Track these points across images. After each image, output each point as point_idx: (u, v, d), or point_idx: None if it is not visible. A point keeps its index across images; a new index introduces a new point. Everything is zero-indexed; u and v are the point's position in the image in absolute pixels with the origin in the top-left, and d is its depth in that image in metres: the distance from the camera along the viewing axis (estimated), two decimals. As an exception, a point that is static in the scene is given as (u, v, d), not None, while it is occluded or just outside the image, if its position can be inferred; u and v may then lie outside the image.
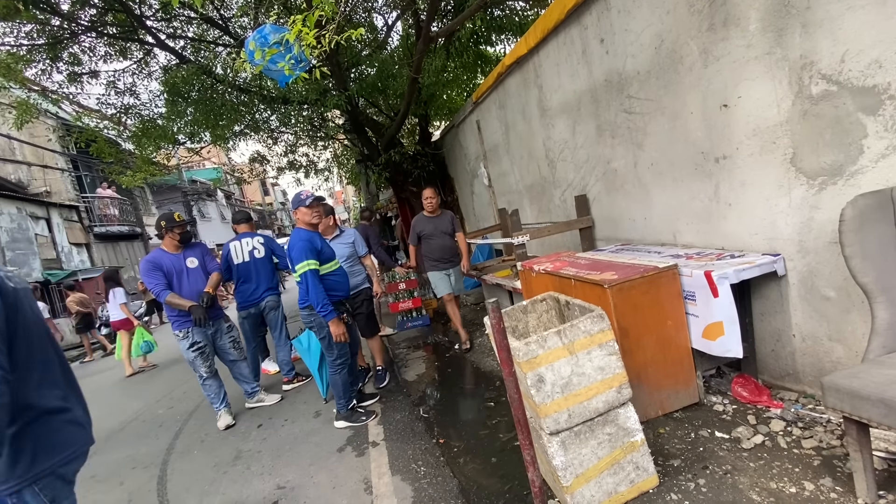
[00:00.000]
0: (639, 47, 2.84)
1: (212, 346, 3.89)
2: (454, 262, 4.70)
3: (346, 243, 4.16)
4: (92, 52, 6.92)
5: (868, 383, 1.47)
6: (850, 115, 1.86)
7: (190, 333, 3.71)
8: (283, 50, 2.47)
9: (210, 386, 3.89)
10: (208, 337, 3.84)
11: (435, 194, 4.71)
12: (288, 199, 48.95)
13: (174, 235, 3.78)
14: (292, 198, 3.28)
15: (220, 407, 3.94)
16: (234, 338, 4.03)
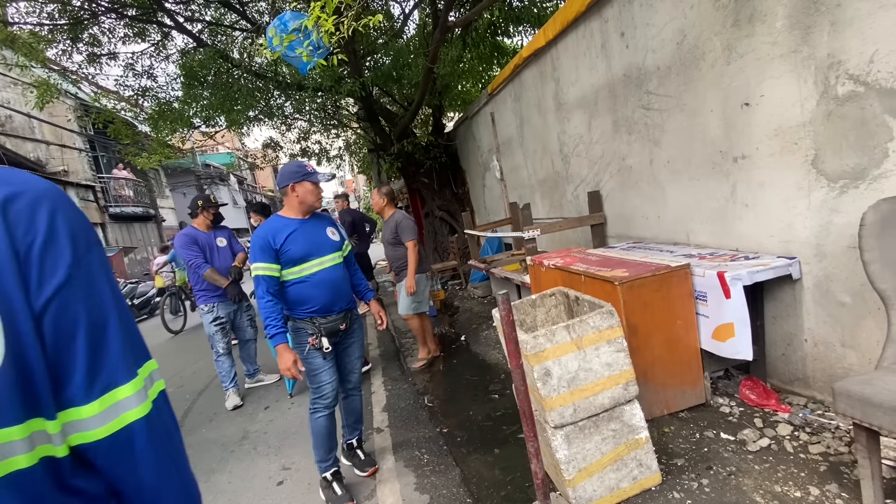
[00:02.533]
0: (660, 42, 2.79)
1: (231, 323, 4.05)
2: (401, 276, 4.02)
3: None
4: (111, 33, 6.98)
5: (881, 391, 1.44)
6: (876, 117, 1.82)
7: (215, 308, 3.90)
8: (302, 36, 2.47)
9: (223, 363, 4.00)
10: (230, 314, 4.01)
11: (376, 196, 4.07)
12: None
13: (208, 215, 4.03)
14: (284, 169, 2.35)
15: (230, 386, 4.04)
16: (251, 316, 4.22)
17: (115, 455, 0.62)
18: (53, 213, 0.60)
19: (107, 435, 0.61)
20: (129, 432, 0.63)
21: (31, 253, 0.57)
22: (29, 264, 0.57)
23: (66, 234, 0.60)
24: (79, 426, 0.60)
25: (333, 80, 6.00)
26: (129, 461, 0.64)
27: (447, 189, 8.02)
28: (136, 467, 0.65)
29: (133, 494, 0.66)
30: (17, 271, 0.56)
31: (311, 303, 2.31)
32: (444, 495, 2.29)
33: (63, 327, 0.59)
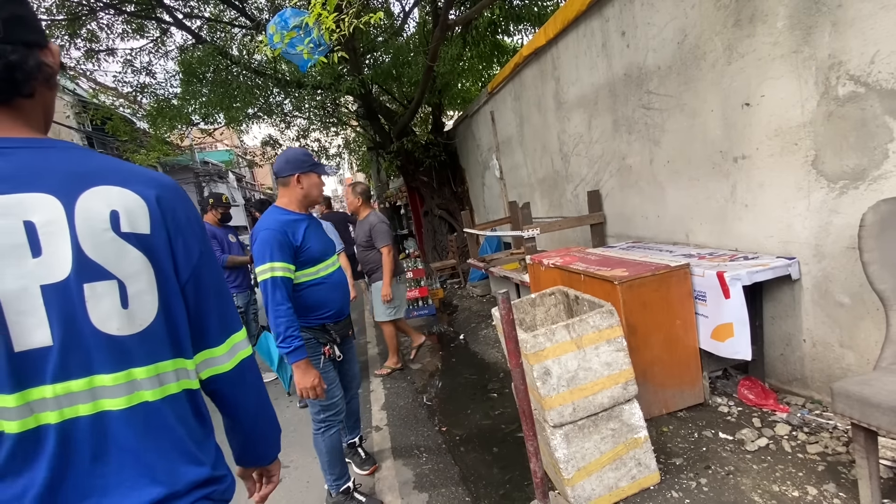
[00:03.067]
0: (661, 42, 2.79)
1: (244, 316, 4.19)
2: (374, 279, 3.94)
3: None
4: (110, 29, 6.95)
5: (880, 391, 1.45)
6: (876, 117, 1.82)
7: (236, 297, 4.01)
8: (303, 33, 2.46)
9: None
10: (245, 305, 4.14)
11: (347, 193, 3.90)
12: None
13: (216, 213, 4.18)
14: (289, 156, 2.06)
15: None
16: (256, 311, 4.35)
17: (236, 383, 0.87)
18: (187, 206, 0.79)
19: (231, 367, 0.85)
20: (243, 366, 0.87)
21: (178, 232, 0.76)
22: (177, 241, 0.76)
23: (196, 222, 0.80)
24: (213, 363, 0.83)
25: (333, 77, 5.99)
26: (243, 387, 0.88)
27: (446, 188, 8.02)
28: (248, 391, 0.89)
29: (245, 416, 0.91)
30: (168, 247, 0.75)
31: (328, 307, 2.11)
32: (442, 493, 2.29)
33: (202, 289, 0.80)
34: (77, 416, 0.67)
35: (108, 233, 0.68)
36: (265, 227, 1.95)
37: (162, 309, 0.73)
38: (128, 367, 0.69)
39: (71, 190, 0.67)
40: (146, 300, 0.71)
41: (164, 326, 0.74)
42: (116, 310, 0.68)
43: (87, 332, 0.67)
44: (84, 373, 0.67)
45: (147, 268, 0.71)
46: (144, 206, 0.72)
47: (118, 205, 0.69)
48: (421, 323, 5.66)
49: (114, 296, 0.68)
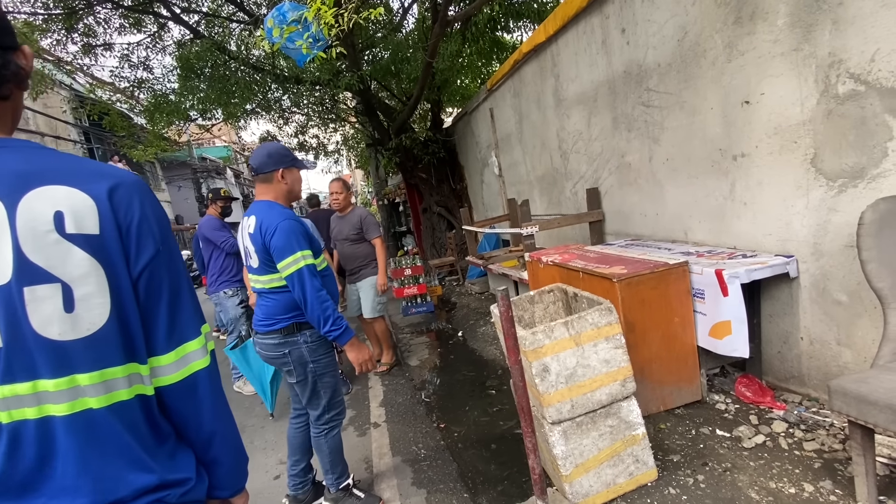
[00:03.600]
0: (661, 39, 2.78)
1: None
2: (362, 275, 3.82)
3: None
4: (107, 23, 6.89)
5: (877, 389, 1.46)
6: (876, 116, 1.82)
7: (239, 292, 3.95)
8: (302, 28, 2.45)
9: None
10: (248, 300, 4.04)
11: (342, 189, 3.76)
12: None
13: (217, 207, 4.16)
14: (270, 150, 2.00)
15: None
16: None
17: (184, 396, 0.79)
18: (144, 200, 0.75)
19: (179, 380, 0.78)
20: (195, 379, 0.80)
21: (130, 230, 0.72)
22: (129, 239, 0.72)
23: (154, 217, 0.76)
24: (159, 372, 0.77)
25: (331, 73, 5.96)
26: (193, 402, 0.81)
27: (445, 185, 8.00)
28: (198, 407, 0.81)
29: (194, 433, 0.82)
30: (120, 246, 0.71)
31: (332, 300, 2.06)
32: (441, 490, 2.29)
33: (151, 291, 0.75)
34: (24, 418, 0.67)
35: (52, 234, 0.65)
36: (285, 217, 1.91)
37: (115, 312, 0.70)
38: (70, 373, 0.67)
39: (14, 191, 0.65)
40: (95, 304, 0.68)
41: (117, 330, 0.70)
42: (58, 314, 0.66)
43: (30, 336, 0.65)
44: (28, 377, 0.66)
45: (96, 270, 0.68)
46: (93, 206, 0.69)
47: (64, 205, 0.67)
48: (419, 320, 5.66)
49: (56, 300, 0.66)
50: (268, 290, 1.99)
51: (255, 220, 1.92)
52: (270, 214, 1.92)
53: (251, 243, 1.94)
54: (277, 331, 1.97)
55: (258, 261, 1.94)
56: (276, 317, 1.98)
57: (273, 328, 1.98)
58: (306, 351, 2.01)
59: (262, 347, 2.04)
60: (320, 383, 2.07)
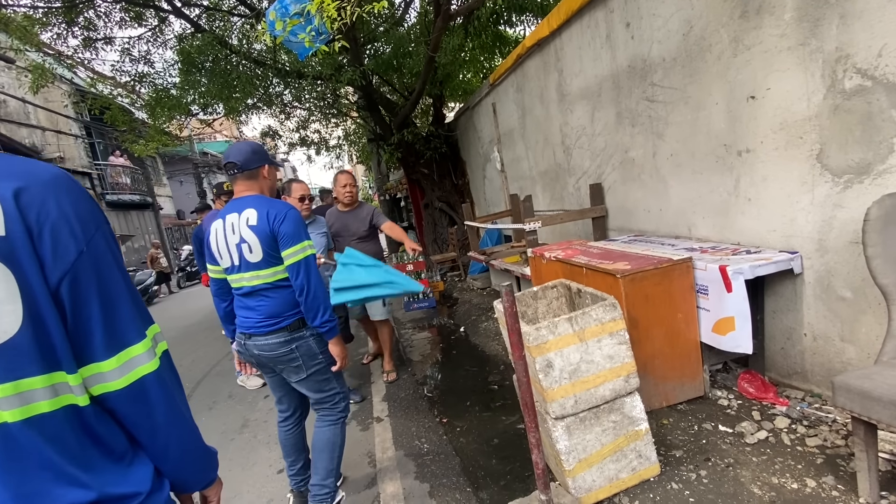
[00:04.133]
0: (666, 33, 2.76)
1: None
2: None
3: (321, 233, 3.37)
4: (107, 17, 6.86)
5: (881, 385, 1.46)
6: (882, 111, 1.81)
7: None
8: (304, 21, 2.43)
9: None
10: None
11: (353, 181, 3.58)
12: (297, 175, 48.69)
13: (221, 202, 4.20)
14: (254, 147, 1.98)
15: None
16: None
17: (132, 402, 0.75)
18: (61, 199, 0.69)
19: (125, 385, 0.74)
20: (143, 383, 0.76)
21: (43, 234, 0.66)
22: (42, 243, 0.66)
23: (75, 217, 0.70)
24: (100, 378, 0.72)
25: (333, 68, 5.94)
26: (144, 407, 0.77)
27: (447, 180, 7.99)
28: (150, 413, 0.77)
29: (148, 438, 0.78)
30: (31, 250, 0.65)
31: None
32: (444, 484, 2.31)
33: (79, 297, 0.69)
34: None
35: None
36: (289, 207, 1.91)
37: (28, 319, 0.64)
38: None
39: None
40: (5, 311, 0.63)
41: (31, 339, 0.65)
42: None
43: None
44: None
45: (4, 274, 0.63)
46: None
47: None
48: (421, 315, 5.67)
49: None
50: (270, 287, 1.90)
51: (257, 212, 1.85)
52: (275, 204, 1.90)
53: (254, 236, 1.84)
54: (284, 328, 1.92)
55: (261, 254, 1.85)
56: (281, 314, 1.92)
57: (279, 326, 1.92)
58: (314, 343, 2.00)
59: (263, 349, 1.94)
60: (329, 371, 2.07)
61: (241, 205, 1.89)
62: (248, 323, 1.94)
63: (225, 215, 1.91)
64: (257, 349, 1.95)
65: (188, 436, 0.85)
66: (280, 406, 2.24)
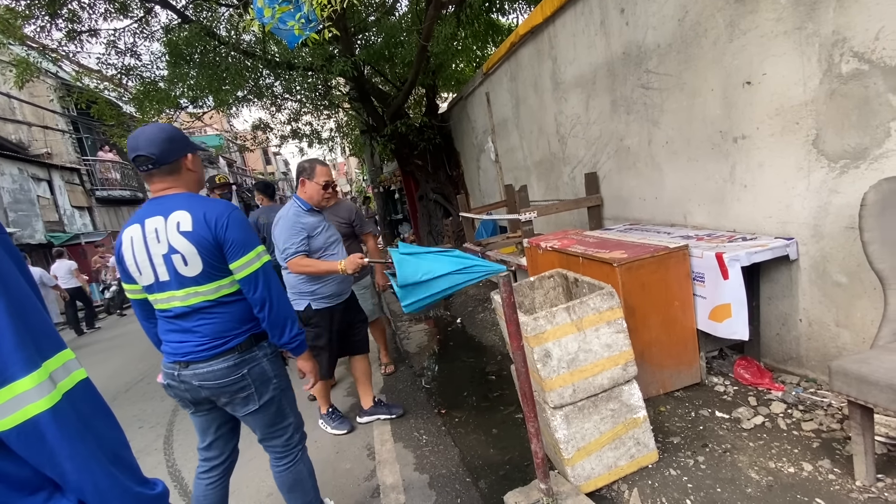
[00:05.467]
0: (661, 19, 2.73)
1: None
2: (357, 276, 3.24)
3: None
4: (91, 8, 6.70)
5: (877, 369, 1.46)
6: (879, 95, 1.80)
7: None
8: (293, 8, 2.38)
9: None
10: None
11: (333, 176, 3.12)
12: (291, 169, 48.22)
13: (215, 195, 4.17)
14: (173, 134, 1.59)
15: None
16: None
17: (25, 445, 0.64)
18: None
19: (12, 426, 0.62)
20: (35, 424, 0.64)
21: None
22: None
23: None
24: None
25: (324, 58, 5.85)
26: (41, 451, 0.65)
27: (441, 171, 7.95)
28: (50, 456, 0.66)
29: (59, 479, 0.68)
30: None
31: None
32: (443, 475, 2.31)
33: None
34: None
35: None
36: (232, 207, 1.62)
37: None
38: None
39: None
40: None
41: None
42: None
43: None
44: None
45: None
46: None
47: None
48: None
49: None
50: (213, 304, 1.56)
51: (191, 215, 1.50)
52: (210, 204, 1.55)
53: (189, 244, 1.48)
54: (232, 349, 1.58)
55: (201, 266, 1.51)
56: (228, 333, 1.58)
57: (225, 348, 1.57)
58: (269, 365, 1.68)
59: (205, 378, 1.56)
60: (285, 399, 1.75)
61: (166, 206, 1.54)
62: (186, 348, 1.57)
63: (143, 219, 1.53)
64: (198, 379, 1.57)
65: (106, 483, 0.71)
66: (208, 453, 1.82)
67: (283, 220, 2.51)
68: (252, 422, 1.71)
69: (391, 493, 2.25)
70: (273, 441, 1.78)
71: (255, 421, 1.71)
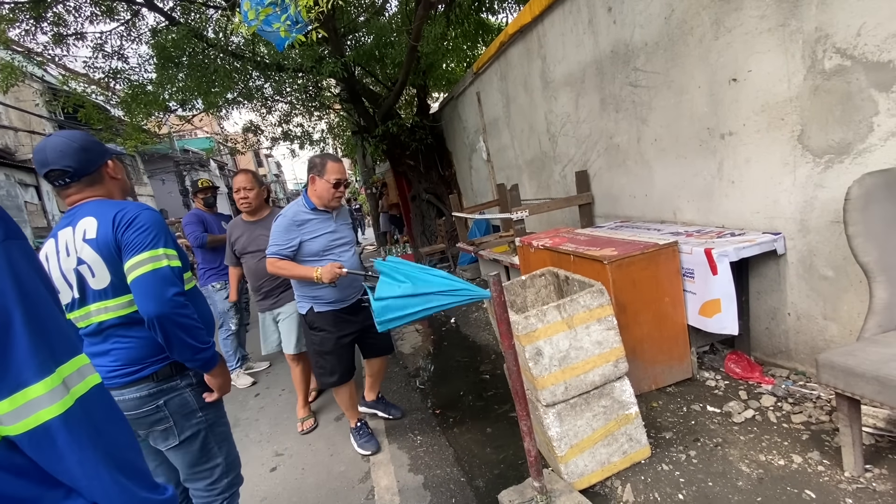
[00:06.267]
0: (647, 17, 2.75)
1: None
2: (283, 298, 2.99)
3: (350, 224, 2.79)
4: (77, 11, 6.62)
5: (863, 361, 1.48)
6: (862, 91, 1.82)
7: (227, 285, 3.83)
8: (280, 10, 2.36)
9: (230, 342, 4.03)
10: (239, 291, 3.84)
11: (252, 184, 2.94)
12: (283, 171, 47.81)
13: (198, 200, 4.15)
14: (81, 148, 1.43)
15: (236, 367, 4.10)
16: (248, 300, 4.17)
17: (37, 450, 0.65)
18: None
19: (24, 431, 0.64)
20: (47, 430, 0.65)
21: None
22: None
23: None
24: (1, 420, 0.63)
25: (314, 60, 5.82)
26: (52, 456, 0.66)
27: (433, 171, 7.93)
28: (60, 461, 0.67)
29: (70, 483, 0.69)
30: None
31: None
32: (437, 475, 2.31)
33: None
34: None
35: None
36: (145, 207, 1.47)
37: None
38: None
39: None
40: None
41: None
42: None
43: None
44: None
45: None
46: None
47: None
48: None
49: None
50: (126, 322, 1.41)
51: (97, 220, 1.37)
52: (119, 207, 1.41)
53: (94, 253, 1.35)
54: (147, 377, 1.43)
55: (108, 277, 1.37)
56: (145, 360, 1.43)
57: (139, 376, 1.43)
58: (192, 396, 1.50)
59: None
60: (213, 435, 1.56)
61: (76, 215, 1.40)
62: (101, 373, 1.37)
63: (56, 233, 1.41)
64: None
65: (115, 489, 0.72)
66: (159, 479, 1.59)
67: (280, 217, 2.41)
68: (174, 458, 1.54)
69: (386, 495, 2.25)
70: (195, 483, 1.57)
71: (175, 457, 1.54)
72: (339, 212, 2.54)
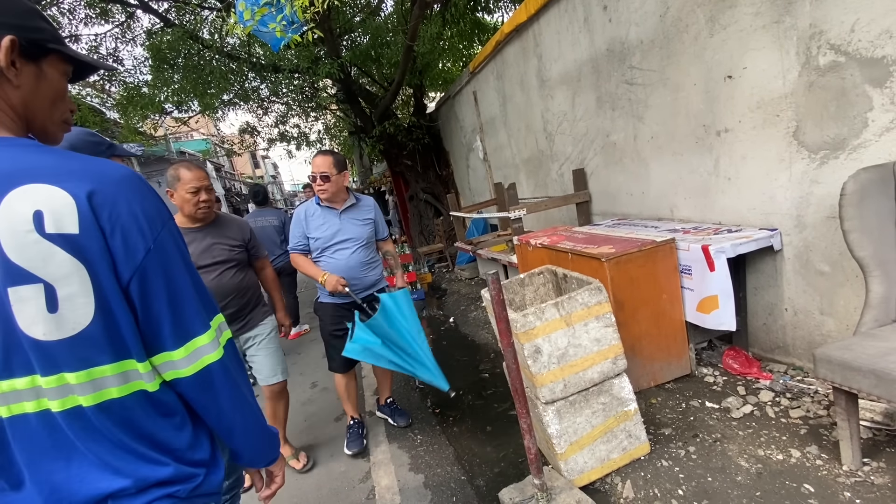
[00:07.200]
0: (643, 15, 2.75)
1: None
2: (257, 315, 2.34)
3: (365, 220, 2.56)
4: (71, 14, 6.60)
5: (860, 355, 1.49)
6: (856, 87, 1.83)
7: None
8: (275, 11, 2.36)
9: None
10: None
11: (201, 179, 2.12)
12: (280, 172, 47.70)
13: None
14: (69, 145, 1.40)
15: None
16: None
17: (199, 389, 0.81)
18: (131, 199, 0.72)
19: (193, 373, 0.80)
20: (209, 371, 0.81)
21: (115, 233, 0.70)
22: (114, 243, 0.70)
23: (143, 216, 0.73)
24: (172, 366, 0.78)
25: (310, 60, 5.81)
26: (210, 393, 0.83)
27: (431, 171, 7.93)
28: (215, 398, 0.83)
29: (215, 421, 0.86)
30: (104, 248, 0.69)
31: None
32: (438, 474, 2.31)
33: (147, 293, 0.74)
34: (24, 412, 0.71)
35: (32, 234, 0.64)
36: None
37: (100, 312, 0.69)
38: (59, 372, 0.69)
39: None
40: (79, 303, 0.68)
41: (102, 330, 0.70)
42: (42, 314, 0.66)
43: (21, 335, 0.67)
44: (26, 372, 0.69)
45: (79, 269, 0.67)
46: (72, 205, 0.67)
47: (44, 204, 0.65)
48: (410, 308, 5.65)
49: (39, 300, 0.66)
50: None
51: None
52: None
53: None
54: None
55: None
56: None
57: None
58: None
59: None
60: None
61: None
62: None
63: None
64: None
65: (251, 419, 0.90)
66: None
67: (295, 212, 2.62)
68: None
69: (386, 495, 2.25)
70: None
71: None
72: (351, 207, 2.49)
